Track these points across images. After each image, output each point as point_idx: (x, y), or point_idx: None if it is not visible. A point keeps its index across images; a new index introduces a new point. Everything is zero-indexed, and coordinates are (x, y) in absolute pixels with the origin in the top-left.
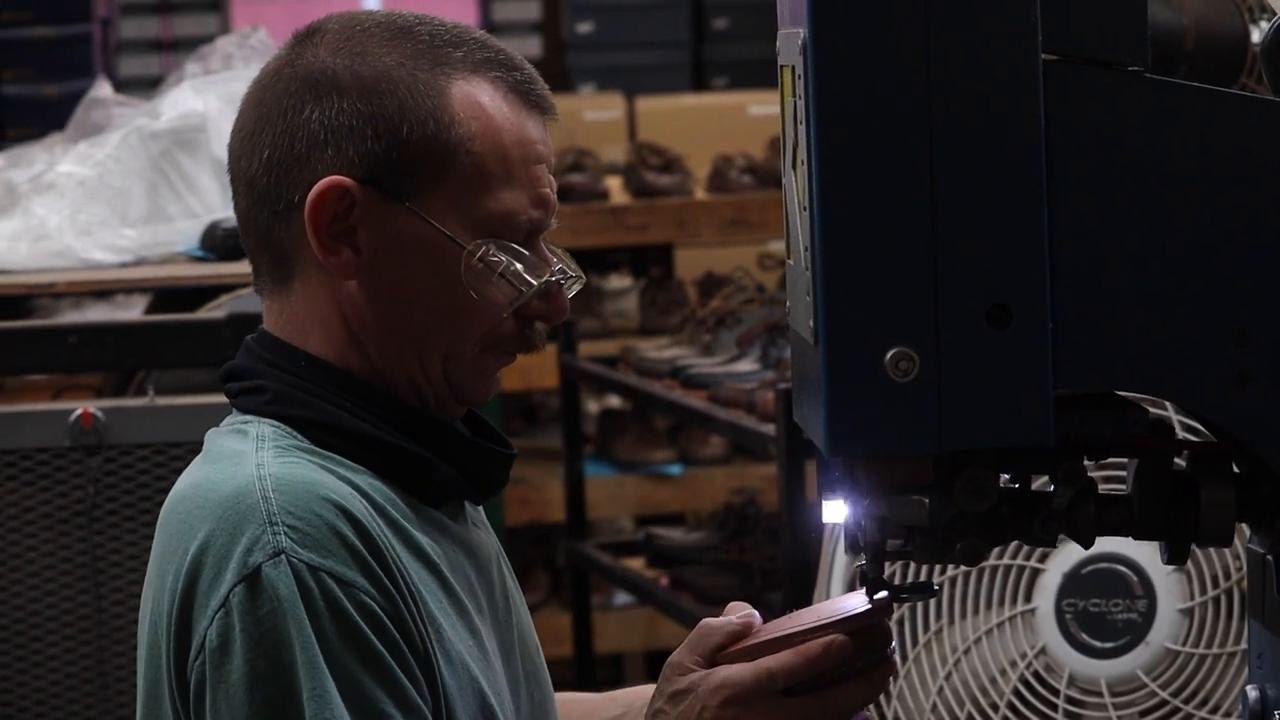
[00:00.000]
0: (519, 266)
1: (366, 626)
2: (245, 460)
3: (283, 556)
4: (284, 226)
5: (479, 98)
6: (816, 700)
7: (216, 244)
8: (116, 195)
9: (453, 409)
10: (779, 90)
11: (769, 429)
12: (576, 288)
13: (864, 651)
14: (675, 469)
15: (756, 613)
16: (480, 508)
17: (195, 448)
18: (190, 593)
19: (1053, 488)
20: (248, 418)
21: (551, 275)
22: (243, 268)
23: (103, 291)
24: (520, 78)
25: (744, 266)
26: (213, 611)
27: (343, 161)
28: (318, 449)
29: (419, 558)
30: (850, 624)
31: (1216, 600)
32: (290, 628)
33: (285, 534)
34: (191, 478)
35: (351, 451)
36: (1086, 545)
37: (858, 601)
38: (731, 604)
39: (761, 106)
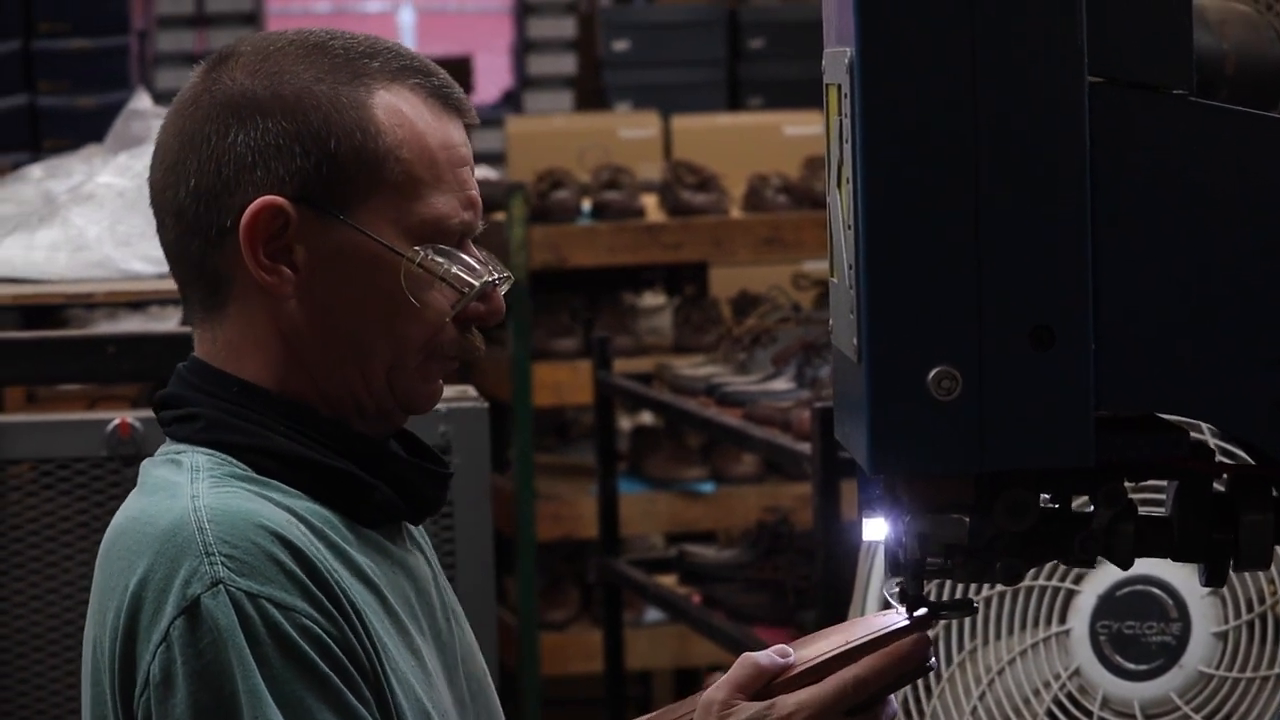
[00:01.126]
0: (458, 270)
1: (310, 650)
2: (180, 492)
3: (220, 586)
4: (217, 253)
5: (400, 106)
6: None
7: None
8: None
9: (396, 419)
10: (824, 108)
11: (804, 448)
12: (505, 287)
13: (910, 668)
14: (708, 487)
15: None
16: (419, 528)
17: None
18: (131, 628)
19: (1092, 508)
20: (181, 447)
21: (489, 276)
22: None
23: (138, 303)
24: (438, 83)
25: (779, 286)
26: (154, 645)
27: (273, 181)
28: (253, 475)
29: (360, 579)
30: (894, 638)
31: (1251, 624)
32: (231, 657)
33: (222, 563)
34: (128, 511)
35: (287, 476)
36: (1125, 566)
37: (891, 619)
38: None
39: (797, 127)
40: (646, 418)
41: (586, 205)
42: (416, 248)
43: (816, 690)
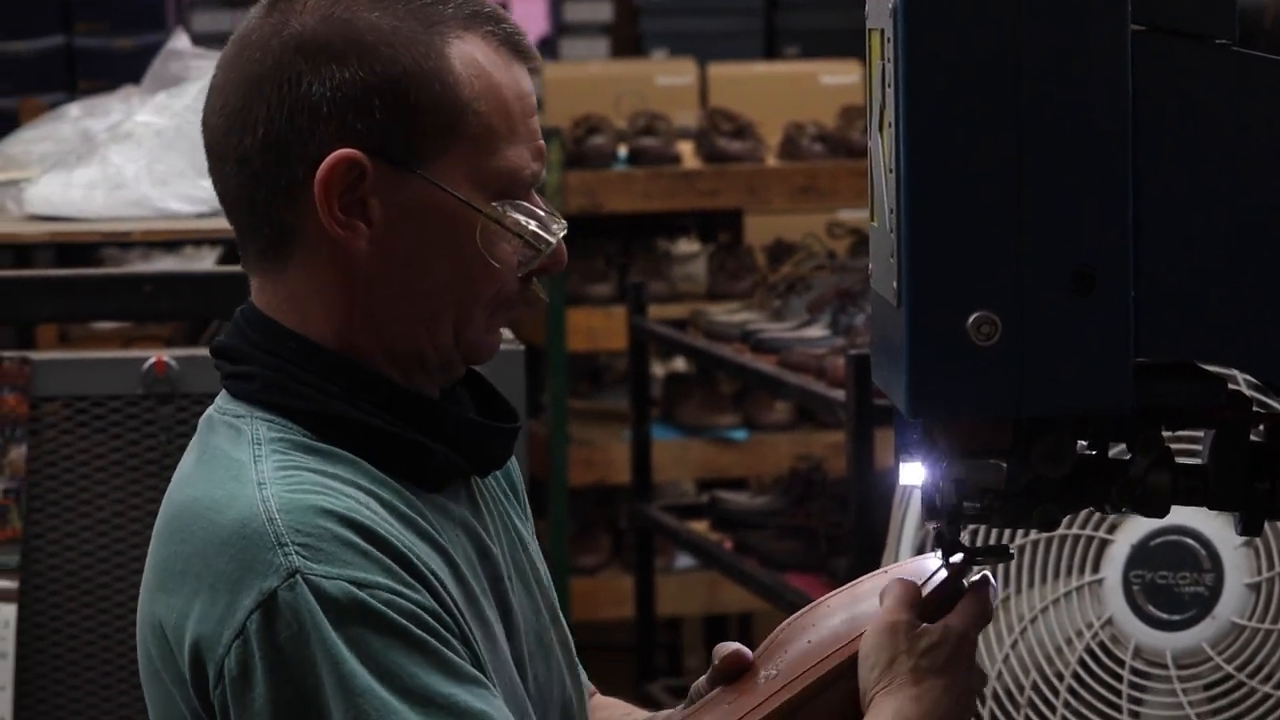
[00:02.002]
0: (534, 226)
1: (403, 619)
2: (245, 475)
3: (298, 576)
4: (286, 204)
5: (476, 55)
6: None
7: None
8: (193, 146)
9: (457, 369)
10: (866, 53)
11: (838, 394)
12: (563, 234)
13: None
14: (740, 434)
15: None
16: (499, 479)
17: None
18: (204, 621)
19: (1130, 456)
20: (240, 410)
21: (557, 227)
22: None
23: (173, 243)
24: (509, 30)
25: (814, 233)
26: (229, 641)
27: (348, 133)
28: (314, 442)
29: (434, 547)
30: (936, 595)
31: None
32: (315, 650)
33: (297, 553)
34: (191, 489)
35: (347, 442)
36: (1162, 514)
37: (926, 564)
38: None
39: (834, 76)
40: (680, 364)
41: (622, 151)
42: (494, 204)
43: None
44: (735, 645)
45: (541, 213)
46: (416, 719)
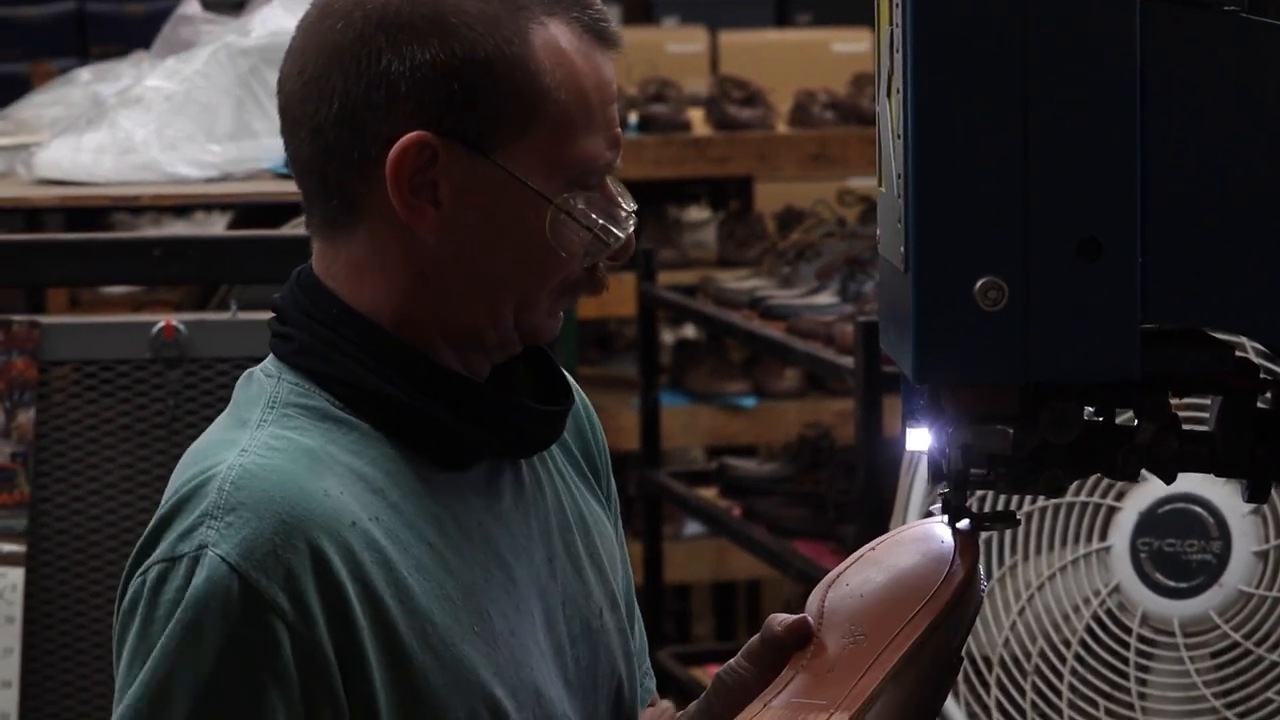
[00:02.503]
0: (604, 221)
1: (258, 652)
2: (240, 437)
3: (206, 550)
4: (356, 178)
5: (560, 43)
6: None
7: None
8: (203, 111)
9: (513, 349)
10: (875, 18)
11: (846, 361)
12: (632, 226)
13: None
14: (749, 401)
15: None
16: (567, 437)
17: None
18: (141, 545)
19: (1136, 422)
20: (274, 371)
21: (627, 218)
22: None
23: (183, 208)
24: (594, 16)
25: (824, 200)
26: (140, 573)
27: (424, 114)
28: (335, 410)
29: (421, 539)
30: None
31: None
32: (176, 630)
33: (219, 530)
34: (208, 435)
35: (370, 413)
36: (1169, 480)
37: (932, 529)
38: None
39: (845, 43)
40: (689, 331)
41: (633, 118)
42: (565, 195)
43: None
44: (793, 616)
45: (610, 203)
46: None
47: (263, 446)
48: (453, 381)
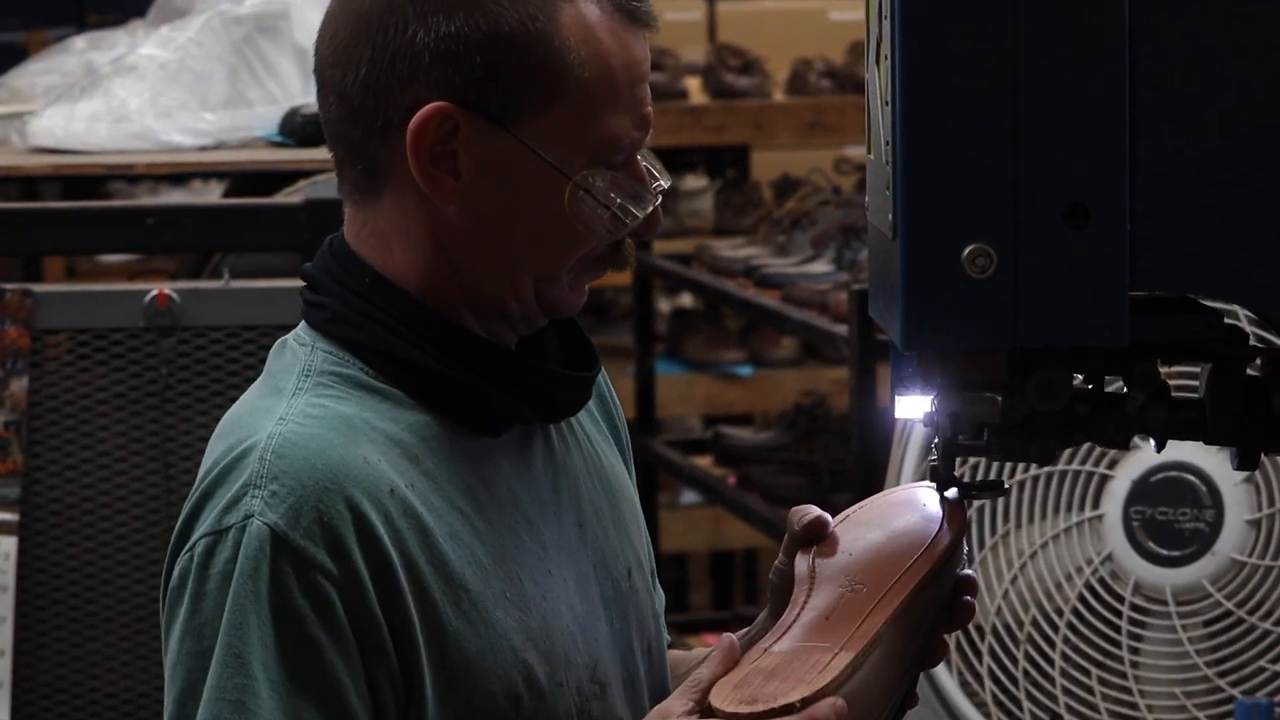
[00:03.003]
0: (623, 200)
1: (313, 614)
2: (276, 406)
3: (252, 520)
4: (379, 144)
5: (588, 20)
6: None
7: (295, 130)
8: (197, 79)
9: (537, 322)
10: None
11: (841, 329)
12: (662, 196)
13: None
14: (745, 370)
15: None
16: (591, 406)
17: (269, 331)
18: (184, 522)
19: (1126, 390)
20: (307, 339)
21: (651, 195)
22: (321, 154)
23: (179, 177)
24: None
25: (820, 169)
26: (185, 551)
27: (447, 85)
28: (368, 378)
29: (453, 506)
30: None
31: None
32: (232, 592)
33: (263, 498)
34: (243, 401)
35: (403, 381)
36: (1159, 448)
37: (917, 494)
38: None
39: (842, 12)
40: (686, 300)
41: None
42: (584, 172)
43: None
44: (815, 511)
45: (633, 181)
46: (270, 702)
47: (300, 415)
48: (483, 348)
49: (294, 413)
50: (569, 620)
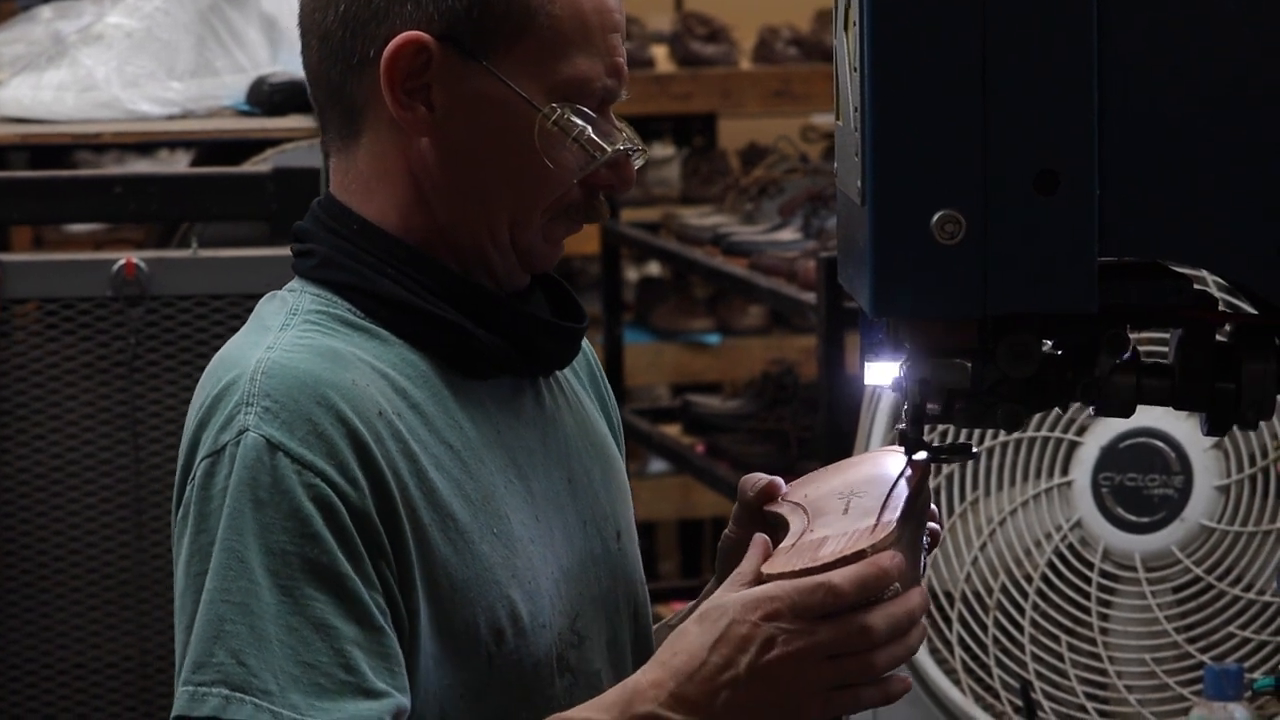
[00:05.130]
0: (591, 132)
1: (314, 510)
2: (264, 339)
3: (247, 433)
4: (356, 80)
5: None
6: (859, 622)
7: (263, 99)
8: (164, 48)
9: (519, 279)
10: None
11: (809, 297)
12: (640, 161)
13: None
14: (713, 338)
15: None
16: (583, 379)
17: (236, 300)
18: (184, 455)
19: (1096, 355)
20: (295, 286)
21: (623, 144)
22: (288, 123)
23: (146, 146)
24: None
25: (788, 137)
26: (189, 481)
27: (421, 16)
28: (356, 319)
29: (441, 440)
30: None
31: (1253, 478)
32: (231, 505)
33: (256, 413)
34: (231, 344)
35: (390, 321)
36: (1127, 414)
37: (885, 460)
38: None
39: None
40: (653, 269)
41: None
42: (554, 105)
43: (791, 584)
44: (765, 477)
45: (605, 125)
46: (273, 599)
47: (289, 344)
48: (470, 289)
49: (282, 342)
50: (554, 567)
